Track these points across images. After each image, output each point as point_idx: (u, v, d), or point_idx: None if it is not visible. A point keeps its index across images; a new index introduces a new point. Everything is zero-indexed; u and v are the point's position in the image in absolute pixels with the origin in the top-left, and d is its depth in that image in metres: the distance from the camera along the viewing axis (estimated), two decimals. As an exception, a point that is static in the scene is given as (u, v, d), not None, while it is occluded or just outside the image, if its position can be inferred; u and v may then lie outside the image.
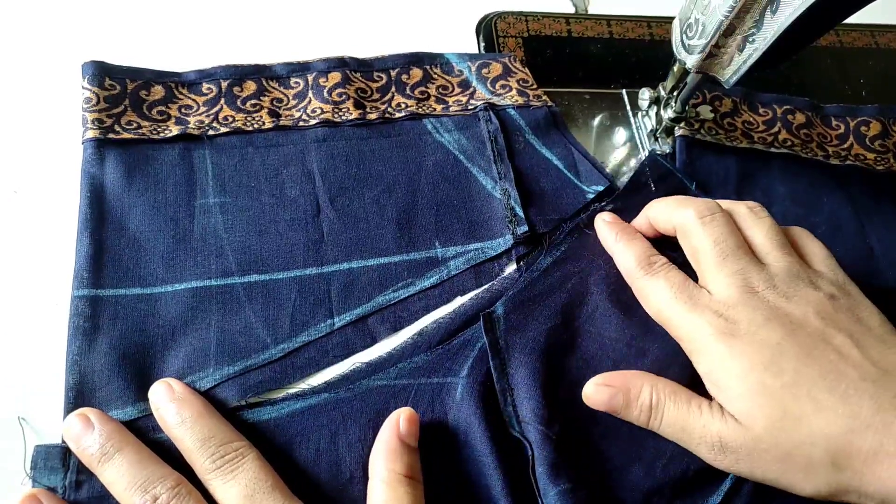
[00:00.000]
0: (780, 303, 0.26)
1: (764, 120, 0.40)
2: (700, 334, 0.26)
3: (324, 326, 0.30)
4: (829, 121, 0.41)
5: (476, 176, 0.36)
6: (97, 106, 0.34)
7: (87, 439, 0.25)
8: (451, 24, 0.42)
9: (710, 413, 0.25)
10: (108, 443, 0.24)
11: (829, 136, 0.41)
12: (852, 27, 0.47)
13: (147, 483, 0.23)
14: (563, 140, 0.38)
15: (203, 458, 0.24)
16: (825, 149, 0.40)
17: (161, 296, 0.30)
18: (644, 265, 0.29)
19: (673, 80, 0.35)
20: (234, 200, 0.33)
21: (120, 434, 0.25)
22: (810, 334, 0.25)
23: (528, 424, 0.27)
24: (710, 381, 0.26)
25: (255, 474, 0.24)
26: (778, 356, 0.24)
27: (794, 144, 0.39)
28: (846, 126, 0.41)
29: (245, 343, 0.29)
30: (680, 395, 0.26)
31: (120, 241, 0.31)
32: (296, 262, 0.32)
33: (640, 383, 0.26)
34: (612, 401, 0.26)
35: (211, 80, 0.36)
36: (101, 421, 0.25)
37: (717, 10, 0.29)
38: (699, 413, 0.25)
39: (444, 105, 0.38)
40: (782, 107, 0.41)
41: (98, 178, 0.32)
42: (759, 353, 0.24)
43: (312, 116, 0.36)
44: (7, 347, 0.29)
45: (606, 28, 0.44)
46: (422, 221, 0.34)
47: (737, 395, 0.24)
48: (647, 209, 0.31)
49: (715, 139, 0.38)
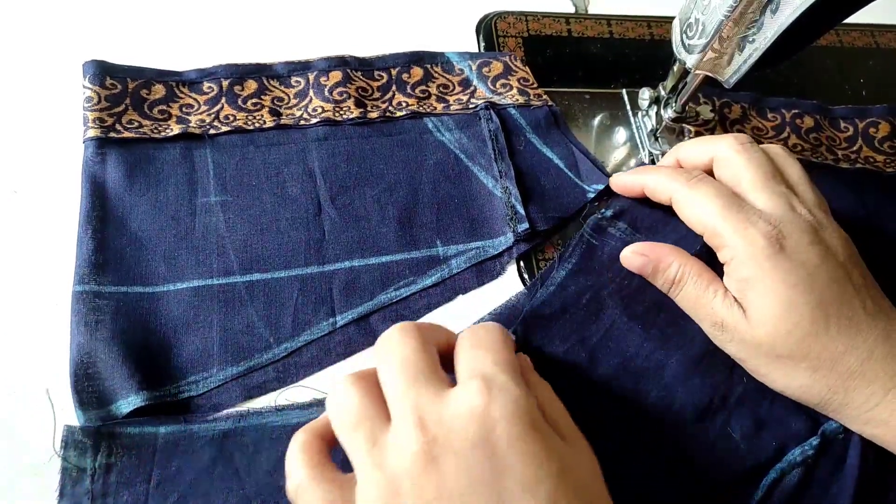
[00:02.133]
0: (818, 230, 0.27)
1: (773, 126, 0.41)
2: (751, 242, 0.26)
3: (326, 325, 0.30)
4: (838, 123, 0.41)
5: (477, 174, 0.36)
6: (98, 105, 0.34)
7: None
8: (451, 24, 0.42)
9: (721, 301, 0.27)
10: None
11: (838, 138, 0.41)
12: (852, 27, 0.48)
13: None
14: (563, 139, 0.38)
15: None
16: (834, 152, 0.40)
17: (163, 295, 0.30)
18: (685, 177, 0.29)
19: (673, 80, 0.35)
20: (236, 199, 0.33)
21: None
22: (838, 265, 0.27)
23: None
24: (743, 284, 0.27)
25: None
26: (812, 279, 0.26)
27: (803, 149, 0.40)
28: (854, 128, 0.41)
29: (248, 342, 0.29)
30: (703, 277, 0.28)
31: (121, 240, 0.31)
32: (297, 260, 0.32)
33: (670, 259, 0.29)
34: (643, 267, 0.30)
35: (212, 79, 0.36)
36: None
37: (717, 10, 0.29)
38: (712, 297, 0.27)
39: (444, 104, 0.38)
40: (790, 111, 0.41)
41: (99, 178, 0.32)
42: (796, 272, 0.26)
43: (313, 115, 0.36)
44: (6, 347, 0.29)
45: (606, 28, 0.44)
46: (423, 220, 0.34)
47: (761, 303, 0.26)
48: (676, 151, 0.32)
49: None
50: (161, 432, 0.26)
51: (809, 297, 0.26)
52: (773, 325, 0.26)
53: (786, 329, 0.26)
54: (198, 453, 0.26)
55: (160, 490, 0.25)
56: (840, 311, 0.26)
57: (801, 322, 0.26)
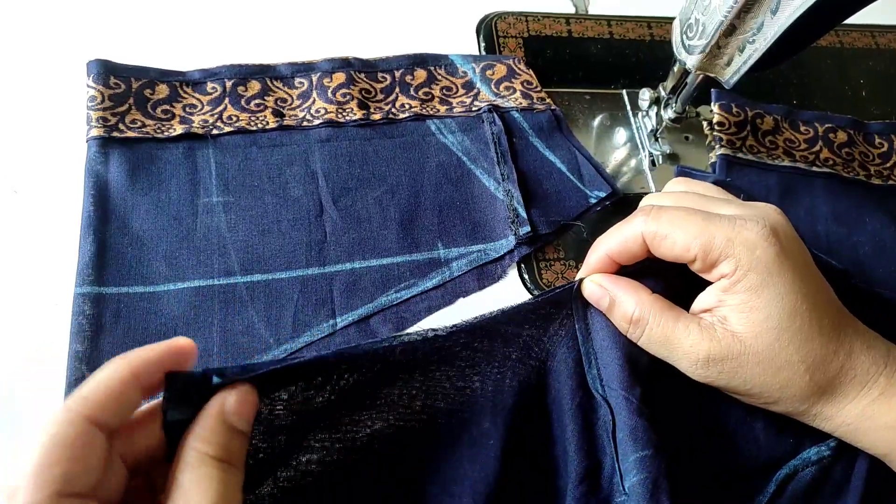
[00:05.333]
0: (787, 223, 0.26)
1: (805, 138, 0.40)
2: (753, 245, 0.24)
3: (326, 326, 0.30)
4: (872, 138, 0.41)
5: (479, 177, 0.36)
6: (102, 104, 0.34)
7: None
8: (451, 24, 0.42)
9: (699, 334, 0.25)
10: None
11: (872, 154, 0.41)
12: (852, 27, 0.48)
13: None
14: (566, 143, 0.38)
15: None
16: (867, 168, 0.40)
17: (164, 294, 0.30)
18: (644, 212, 0.26)
19: (673, 81, 0.36)
20: (237, 200, 0.33)
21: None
22: (811, 261, 0.26)
23: (611, 389, 0.26)
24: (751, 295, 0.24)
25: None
26: (806, 278, 0.25)
27: (835, 163, 0.39)
28: (889, 144, 0.41)
29: (248, 343, 0.29)
30: (667, 314, 0.25)
31: (123, 240, 0.31)
32: (298, 261, 0.32)
33: (628, 298, 0.26)
34: (600, 300, 0.27)
35: (215, 79, 0.36)
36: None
37: (717, 10, 0.29)
38: (686, 333, 0.25)
39: (448, 106, 0.38)
40: (824, 125, 0.41)
41: (102, 177, 0.32)
42: (795, 271, 0.25)
43: (316, 116, 0.36)
44: (6, 346, 0.29)
45: (606, 28, 0.44)
46: (424, 222, 0.34)
47: (764, 316, 0.24)
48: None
49: (756, 158, 0.39)
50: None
51: (807, 299, 0.25)
52: (776, 335, 0.24)
53: (788, 337, 0.24)
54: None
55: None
56: (829, 311, 0.25)
57: (802, 328, 0.24)
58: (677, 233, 0.25)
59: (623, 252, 0.27)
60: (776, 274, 0.24)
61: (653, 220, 0.26)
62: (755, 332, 0.24)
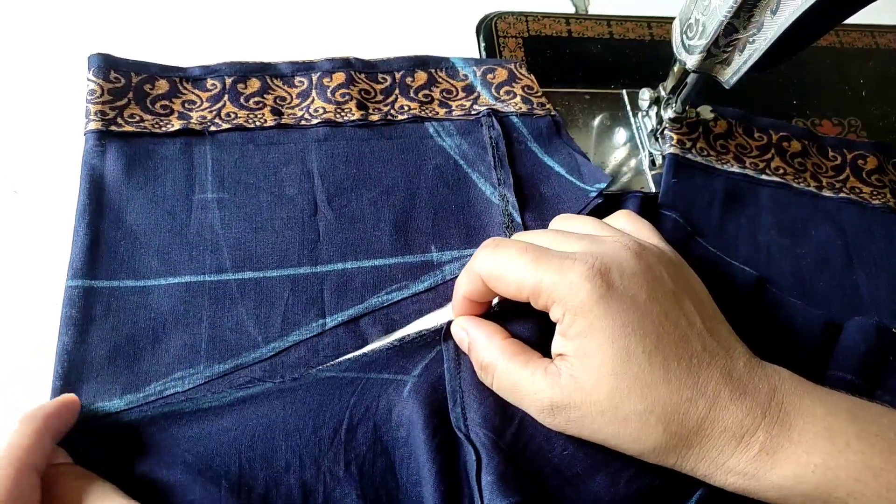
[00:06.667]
0: (640, 252, 0.24)
1: (758, 145, 0.39)
2: (576, 287, 0.23)
3: (315, 326, 0.30)
4: (826, 151, 0.40)
5: (475, 181, 0.36)
6: (101, 98, 0.34)
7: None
8: (451, 25, 0.42)
9: (543, 380, 0.24)
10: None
11: (825, 166, 0.40)
12: (852, 27, 0.47)
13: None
14: (566, 148, 0.37)
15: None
16: (819, 179, 0.39)
17: (154, 289, 0.30)
18: (481, 250, 0.26)
19: (673, 81, 0.35)
20: (232, 197, 0.33)
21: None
22: (666, 293, 0.24)
23: (478, 429, 0.25)
24: (582, 341, 0.23)
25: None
26: (644, 318, 0.23)
27: (786, 173, 0.38)
28: (843, 158, 0.40)
29: (236, 340, 0.29)
30: (517, 358, 0.24)
31: (116, 233, 0.31)
32: (290, 260, 0.32)
33: (481, 342, 0.25)
34: (461, 343, 0.27)
35: (215, 76, 0.36)
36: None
37: (717, 10, 0.29)
38: (532, 380, 0.24)
39: (447, 109, 0.38)
40: (778, 133, 0.40)
41: (98, 170, 0.32)
42: (627, 312, 0.23)
43: (315, 116, 0.36)
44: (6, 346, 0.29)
45: (606, 28, 0.44)
46: (419, 225, 0.34)
47: (598, 359, 0.23)
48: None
49: (705, 160, 0.38)
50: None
51: (645, 340, 0.22)
52: (613, 383, 0.22)
53: (626, 385, 0.22)
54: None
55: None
56: (678, 353, 0.23)
57: (641, 373, 0.22)
58: (509, 274, 0.24)
59: (474, 292, 0.26)
60: (602, 317, 0.22)
61: (490, 258, 0.25)
62: (594, 380, 0.23)
